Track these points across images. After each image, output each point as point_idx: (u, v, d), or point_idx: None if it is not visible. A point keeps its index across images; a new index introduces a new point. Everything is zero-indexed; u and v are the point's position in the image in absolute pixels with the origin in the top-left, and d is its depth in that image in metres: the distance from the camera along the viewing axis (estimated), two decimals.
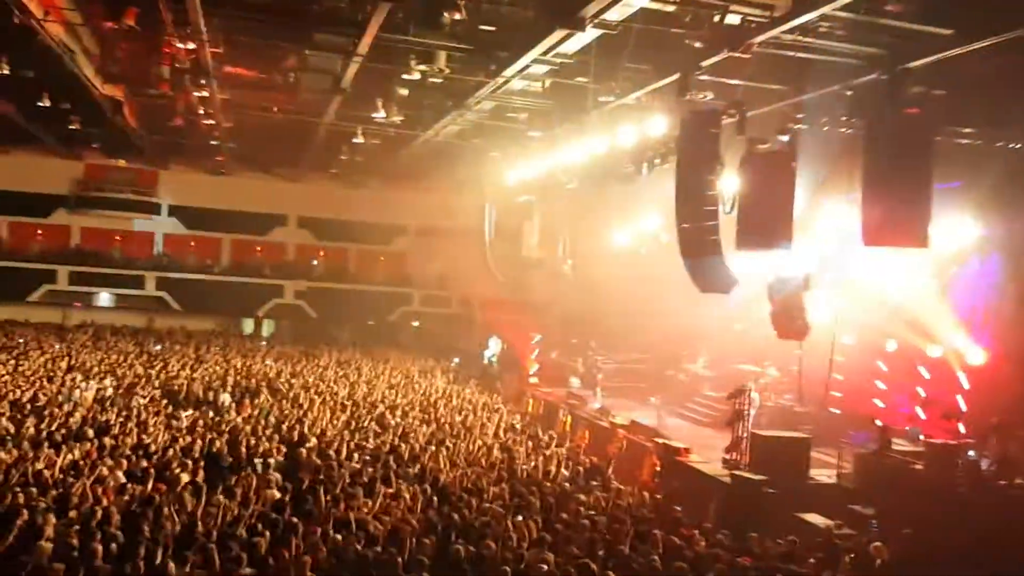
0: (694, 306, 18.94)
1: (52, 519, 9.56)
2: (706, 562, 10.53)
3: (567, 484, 13.90)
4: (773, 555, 11.05)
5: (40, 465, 11.36)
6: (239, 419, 16.15)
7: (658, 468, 16.03)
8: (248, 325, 39.01)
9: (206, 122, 24.43)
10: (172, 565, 8.71)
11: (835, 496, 14.16)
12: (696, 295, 14.36)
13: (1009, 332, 15.85)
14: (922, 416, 17.02)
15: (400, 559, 9.57)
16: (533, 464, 15.21)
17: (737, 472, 15.03)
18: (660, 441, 17.31)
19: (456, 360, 30.63)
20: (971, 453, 14.39)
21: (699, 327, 23.07)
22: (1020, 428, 14.84)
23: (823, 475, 15.21)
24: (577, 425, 19.98)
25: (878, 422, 16.35)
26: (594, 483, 14.30)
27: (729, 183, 13.06)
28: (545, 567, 9.71)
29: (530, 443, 17.38)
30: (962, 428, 15.74)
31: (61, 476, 11.25)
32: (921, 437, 15.22)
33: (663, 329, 24.87)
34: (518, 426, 19.47)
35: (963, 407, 16.47)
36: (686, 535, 11.62)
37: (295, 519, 10.40)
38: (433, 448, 15.26)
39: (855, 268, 12.98)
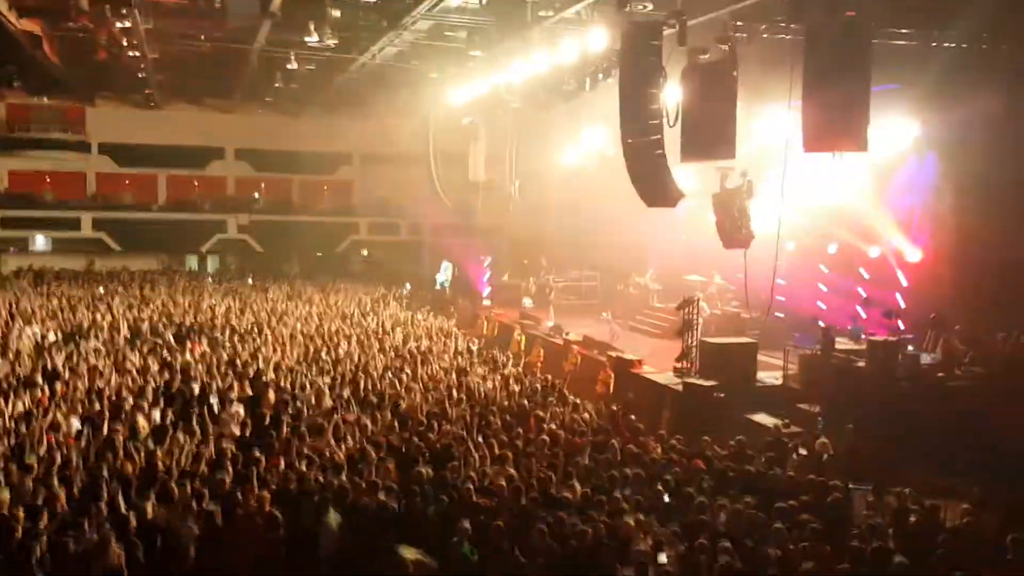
0: (641, 221, 19.11)
1: (9, 466, 9.47)
2: (662, 467, 10.92)
3: (525, 402, 14.17)
4: (725, 456, 11.50)
5: None
6: (192, 358, 15.99)
7: (612, 381, 16.40)
8: (192, 262, 38.24)
9: (131, 54, 23.37)
10: (135, 505, 8.72)
11: (782, 397, 14.72)
12: (643, 209, 14.46)
13: (944, 230, 16.36)
14: (863, 315, 17.62)
15: (364, 485, 9.72)
16: (491, 385, 15.43)
17: (688, 380, 15.49)
18: (613, 354, 17.67)
19: (408, 287, 30.56)
20: (911, 348, 15.01)
21: (647, 241, 23.33)
22: (956, 322, 15.48)
23: (770, 377, 15.76)
24: (532, 344, 20.25)
25: (821, 323, 16.93)
26: (551, 399, 14.60)
27: (672, 95, 13.02)
28: (507, 484, 9.96)
29: (487, 365, 17.60)
30: (902, 325, 16.35)
31: (12, 425, 11.07)
32: (863, 336, 15.76)
33: (612, 245, 25.11)
34: (474, 348, 19.66)
35: (902, 305, 17.08)
36: (642, 443, 12.01)
37: (256, 453, 10.45)
38: (391, 375, 15.36)
39: (796, 175, 13.18)
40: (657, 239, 22.58)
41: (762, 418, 13.87)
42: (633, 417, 13.54)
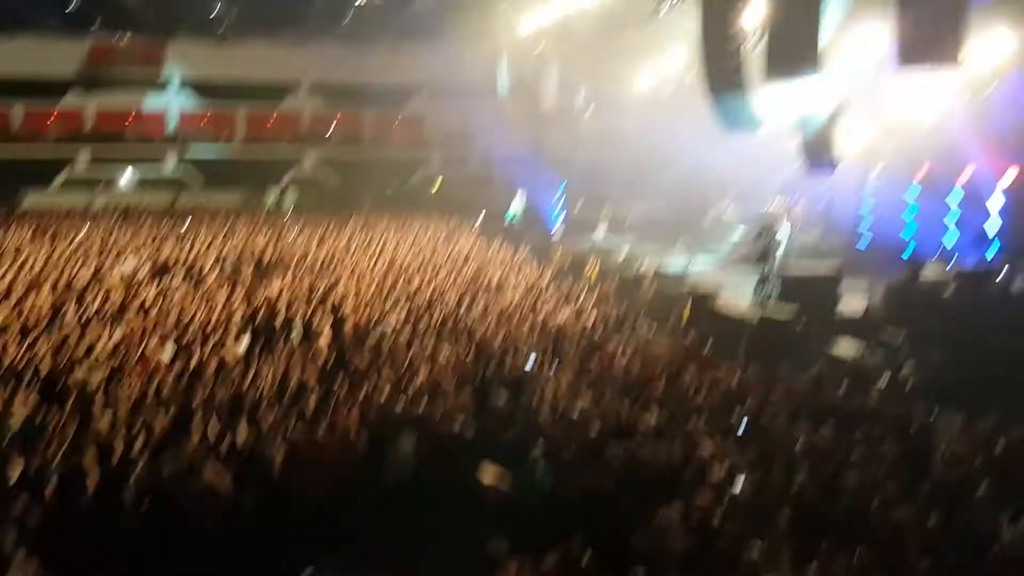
0: (719, 147, 18.57)
1: (107, 393, 9.98)
2: (736, 398, 10.82)
3: (598, 333, 14.14)
4: (802, 386, 11.31)
5: (86, 346, 11.73)
6: (273, 290, 16.44)
7: (687, 312, 16.21)
8: (270, 198, 39.04)
9: None
10: (225, 430, 9.12)
11: (864, 327, 14.31)
12: (721, 135, 14.03)
13: None
14: (953, 242, 16.88)
15: (440, 413, 9.94)
16: (564, 316, 15.45)
17: (766, 310, 15.18)
18: (689, 285, 17.42)
19: (480, 219, 30.60)
20: (1002, 276, 14.33)
21: (724, 168, 22.71)
22: None
23: (853, 307, 15.31)
24: (605, 275, 20.11)
25: (908, 250, 16.27)
26: (625, 330, 14.54)
27: (754, 14, 12.45)
28: (580, 413, 10.03)
29: (559, 296, 17.59)
30: (994, 251, 15.61)
31: (108, 355, 11.63)
32: (953, 263, 15.12)
33: (688, 173, 24.54)
34: (546, 280, 19.65)
35: (996, 230, 16.28)
36: (717, 374, 11.90)
37: (337, 383, 10.76)
38: (465, 307, 15.51)
39: (887, 94, 12.48)
40: (735, 165, 21.96)
41: (843, 348, 13.55)
42: (709, 347, 13.40)
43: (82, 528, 7.70)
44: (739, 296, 16.62)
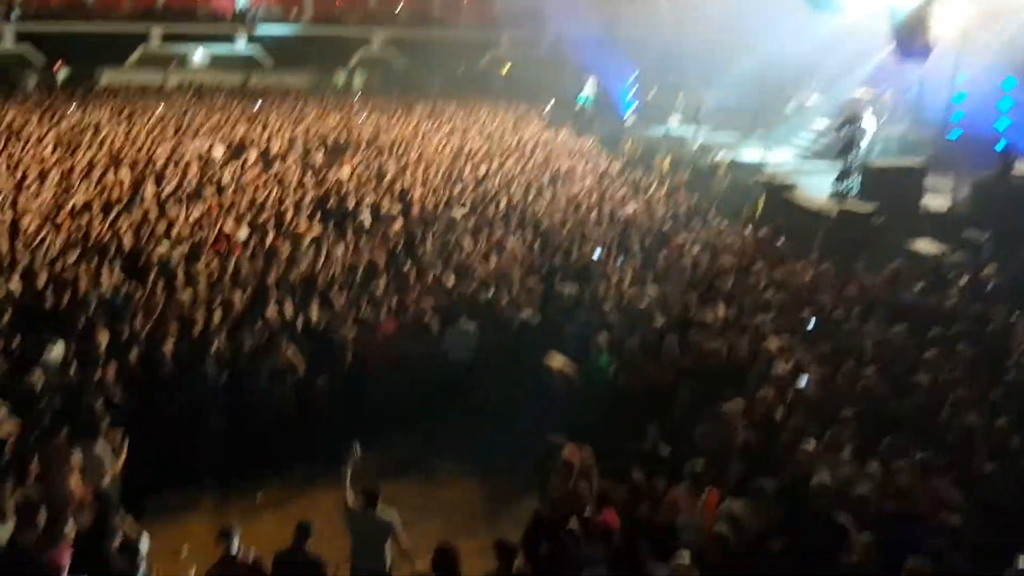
0: (804, 30, 17.56)
1: (187, 270, 10.33)
2: (809, 292, 10.63)
3: (668, 224, 13.93)
4: (878, 283, 11.02)
5: (166, 224, 12.09)
6: (343, 173, 16.55)
7: (762, 203, 15.79)
8: (339, 78, 38.78)
9: None
10: (299, 310, 9.40)
11: (948, 223, 13.75)
12: (806, 18, 13.22)
13: None
14: None
15: (506, 301, 10.04)
16: (633, 206, 15.23)
17: (846, 203, 14.67)
18: (765, 176, 16.91)
19: (550, 105, 29.92)
20: None
21: (808, 55, 21.52)
22: None
23: (937, 202, 14.70)
24: (677, 165, 19.63)
25: (999, 146, 15.34)
26: (695, 222, 14.29)
27: None
28: (646, 304, 10.01)
29: (629, 186, 17.30)
30: None
31: (188, 233, 11.98)
32: None
33: (768, 60, 23.35)
34: (616, 169, 19.30)
35: None
36: (789, 268, 11.67)
37: (407, 266, 10.92)
38: (532, 195, 15.40)
39: None
40: (819, 52, 20.79)
41: (924, 245, 13.07)
42: (783, 241, 13.11)
43: (164, 397, 8.15)
44: (817, 189, 16.06)
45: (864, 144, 15.74)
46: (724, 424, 7.39)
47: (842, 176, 15.48)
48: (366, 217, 13.30)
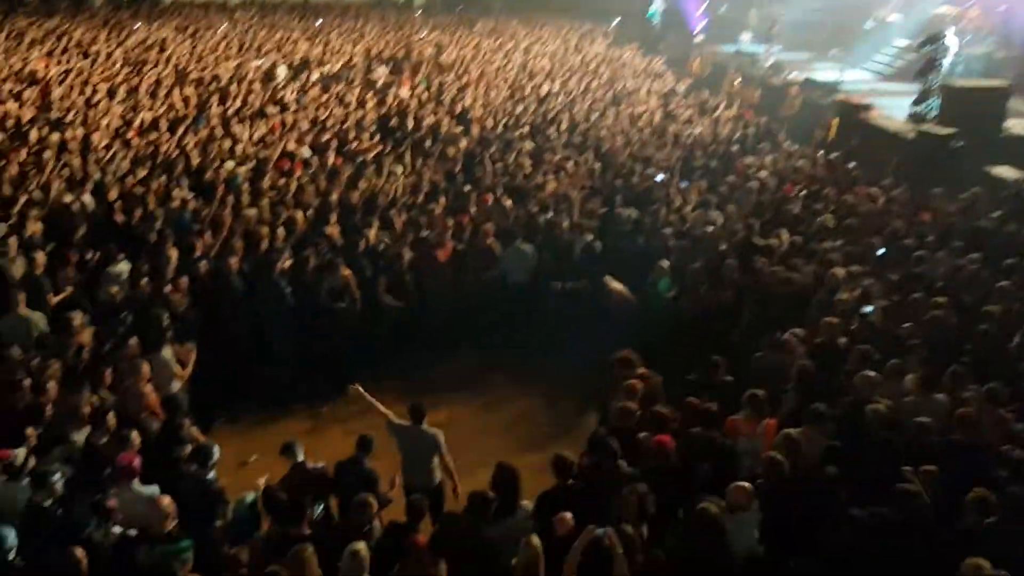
0: None
1: (252, 188, 10.48)
2: (881, 218, 10.27)
3: (734, 147, 13.52)
4: (954, 210, 10.58)
5: (231, 142, 12.23)
6: (403, 92, 16.44)
7: (835, 126, 15.18)
8: None
9: None
10: (359, 230, 9.48)
11: None
12: None
13: None
14: None
15: (566, 223, 9.95)
16: (699, 128, 14.81)
17: (924, 126, 14.01)
18: (840, 97, 16.22)
19: (616, 22, 29.00)
20: None
21: None
22: None
23: (1021, 127, 13.92)
24: (748, 84, 18.95)
25: None
26: (764, 145, 13.84)
27: None
28: (710, 227, 9.81)
29: (696, 107, 16.80)
30: None
31: (252, 152, 12.11)
32: None
33: None
34: (682, 89, 18.73)
35: None
36: (861, 193, 11.27)
37: (467, 187, 10.87)
38: (595, 116, 15.08)
39: None
40: None
41: (1004, 171, 12.45)
42: (855, 165, 12.63)
43: (230, 312, 8.38)
44: (895, 111, 15.36)
45: (946, 64, 14.92)
46: (784, 351, 7.29)
47: (921, 98, 14.75)
48: (426, 137, 13.22)
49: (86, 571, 4.66)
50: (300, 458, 5.99)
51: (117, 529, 5.03)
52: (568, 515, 4.95)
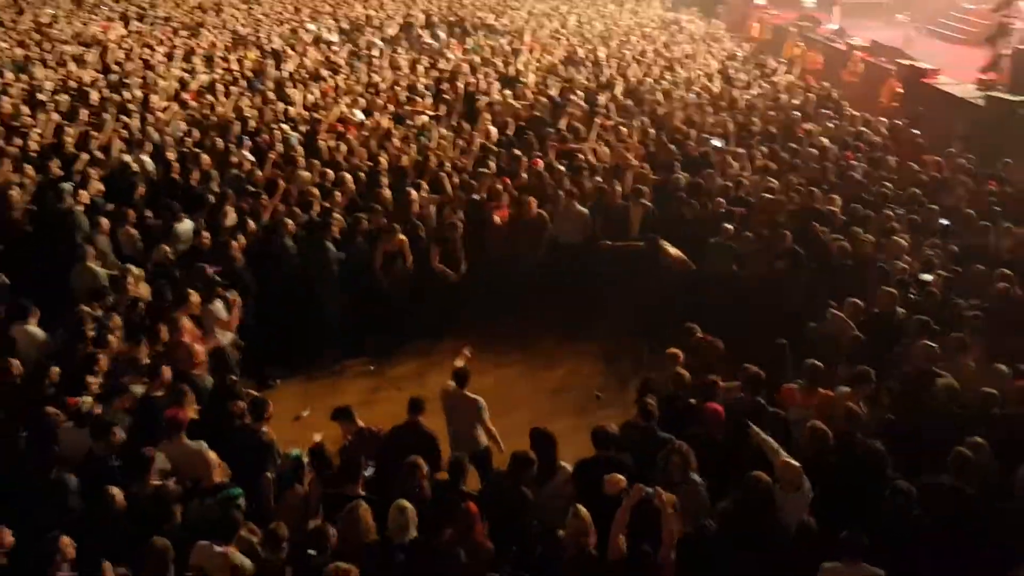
0: None
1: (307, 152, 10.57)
2: (945, 186, 9.95)
3: (795, 113, 13.16)
4: (1021, 180, 10.19)
5: (285, 106, 12.33)
6: (455, 55, 16.35)
7: (900, 92, 14.68)
8: None
9: None
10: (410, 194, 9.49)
11: None
12: None
13: None
14: None
15: (618, 189, 9.82)
16: (757, 93, 14.45)
17: (993, 92, 13.46)
18: (905, 62, 15.66)
19: None
20: None
21: None
22: None
23: None
24: (810, 49, 18.39)
25: None
26: (825, 111, 13.44)
27: None
28: (769, 195, 9.59)
29: (756, 71, 16.38)
30: None
31: (307, 114, 12.20)
32: None
33: None
34: (741, 54, 18.27)
35: None
36: (925, 160, 10.91)
37: (517, 151, 10.78)
38: (651, 81, 14.80)
39: None
40: None
41: None
42: (919, 132, 12.22)
43: (285, 272, 8.50)
44: (963, 76, 14.77)
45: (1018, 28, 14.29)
46: (839, 321, 7.14)
47: (992, 64, 14.18)
48: (479, 101, 13.12)
49: (121, 511, 4.81)
50: (357, 423, 6.05)
51: (157, 481, 5.14)
52: (619, 476, 4.94)
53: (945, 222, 8.93)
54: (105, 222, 8.35)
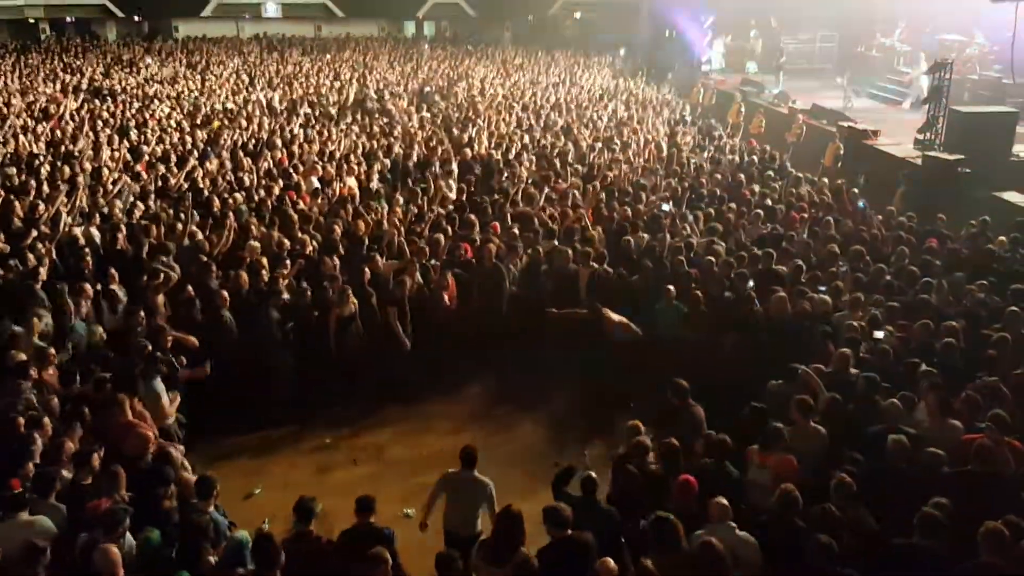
0: None
1: (258, 220, 10.51)
2: (887, 243, 10.22)
3: (741, 175, 13.50)
4: (962, 236, 10.52)
5: (239, 174, 12.32)
6: (411, 124, 16.55)
7: (841, 153, 15.18)
8: (409, 28, 38.67)
9: None
10: (366, 260, 9.46)
11: None
12: None
13: None
14: None
15: (572, 252, 9.90)
16: (704, 156, 14.82)
17: (931, 152, 13.99)
18: (845, 124, 16.24)
19: (623, 52, 29.25)
20: None
21: None
22: None
23: None
24: (753, 113, 19.00)
25: None
26: (770, 173, 13.82)
27: None
28: (715, 258, 9.74)
29: (701, 135, 16.84)
30: None
31: (262, 182, 12.18)
32: None
33: (853, 3, 22.32)
34: (688, 118, 18.79)
35: None
36: (867, 220, 11.22)
37: (471, 216, 10.86)
38: (600, 146, 15.12)
39: None
40: None
41: (1013, 196, 12.42)
42: (862, 190, 12.60)
43: (232, 341, 8.36)
44: (901, 137, 15.36)
45: (950, 91, 14.95)
46: (810, 381, 7.12)
47: (928, 124, 14.77)
48: (435, 169, 13.24)
49: None
50: (310, 524, 5.42)
51: None
52: (609, 560, 4.78)
53: (890, 278, 9.12)
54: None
